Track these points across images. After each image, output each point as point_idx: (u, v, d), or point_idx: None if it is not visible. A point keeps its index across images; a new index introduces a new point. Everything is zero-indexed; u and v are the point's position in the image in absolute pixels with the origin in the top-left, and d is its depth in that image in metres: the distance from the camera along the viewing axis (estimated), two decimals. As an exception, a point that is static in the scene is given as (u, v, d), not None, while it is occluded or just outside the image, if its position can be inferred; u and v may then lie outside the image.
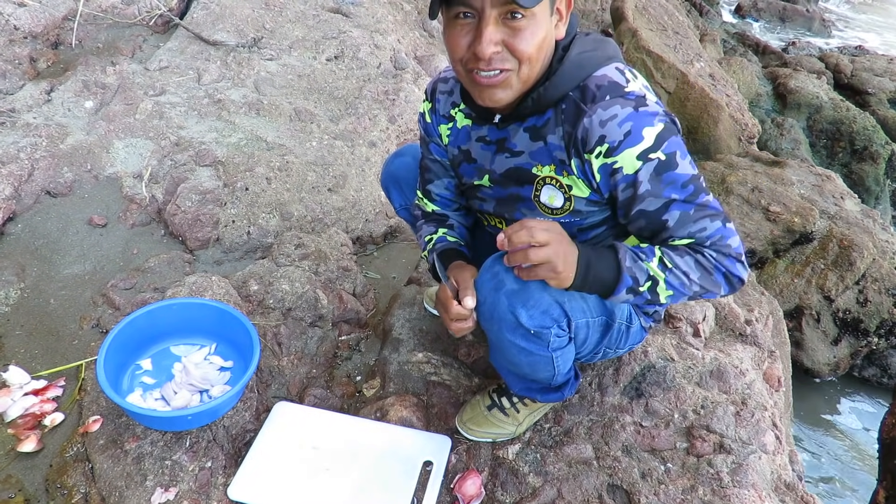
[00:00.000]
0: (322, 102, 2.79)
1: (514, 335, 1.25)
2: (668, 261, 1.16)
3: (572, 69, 1.14)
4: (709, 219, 1.15)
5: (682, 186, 1.12)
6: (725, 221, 1.17)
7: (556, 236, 1.10)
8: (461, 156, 1.37)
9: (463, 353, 1.80)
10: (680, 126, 1.21)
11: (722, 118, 4.75)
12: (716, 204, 1.17)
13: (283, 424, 1.54)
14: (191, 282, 1.82)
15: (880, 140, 5.49)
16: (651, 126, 1.10)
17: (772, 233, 3.90)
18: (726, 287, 1.22)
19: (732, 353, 1.85)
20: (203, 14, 3.06)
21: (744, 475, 1.49)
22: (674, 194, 1.13)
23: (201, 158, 2.32)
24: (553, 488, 1.47)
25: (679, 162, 1.12)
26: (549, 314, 1.22)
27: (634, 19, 5.19)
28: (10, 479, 1.42)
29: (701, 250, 1.17)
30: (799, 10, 8.62)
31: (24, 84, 2.58)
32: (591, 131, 1.11)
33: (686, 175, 1.13)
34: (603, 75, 1.14)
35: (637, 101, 1.11)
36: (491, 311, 1.26)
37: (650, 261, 1.15)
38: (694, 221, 1.14)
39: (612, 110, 1.10)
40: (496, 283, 1.24)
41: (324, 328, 1.84)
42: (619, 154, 1.10)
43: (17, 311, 1.82)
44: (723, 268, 1.18)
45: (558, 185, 1.23)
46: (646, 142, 1.09)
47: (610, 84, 1.13)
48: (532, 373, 1.36)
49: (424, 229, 1.53)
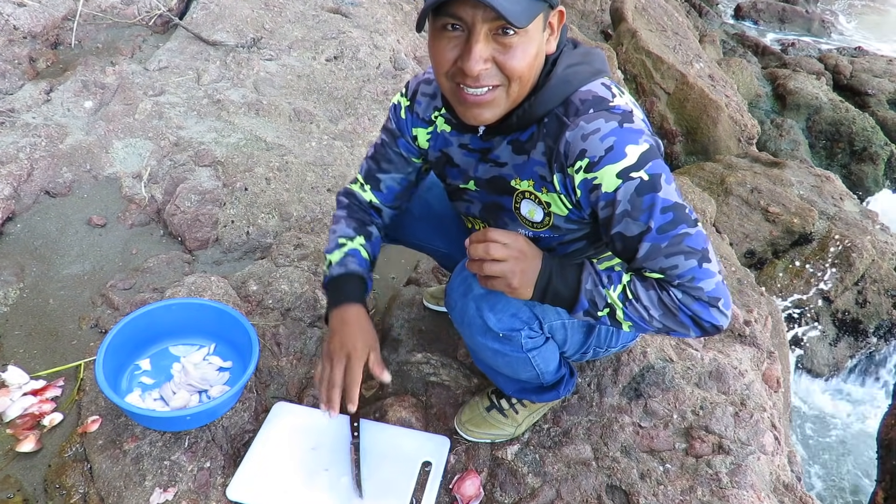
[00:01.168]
0: (321, 103, 2.79)
1: (485, 338, 1.26)
2: (632, 291, 1.11)
3: (559, 85, 1.10)
4: (683, 256, 1.06)
5: (662, 212, 1.05)
6: (703, 261, 1.07)
7: (515, 252, 1.08)
8: (444, 159, 1.32)
9: (462, 354, 1.80)
10: (663, 150, 1.17)
11: (721, 119, 4.76)
12: (697, 239, 1.08)
13: (282, 425, 1.54)
14: (190, 282, 1.82)
15: (879, 141, 5.49)
16: (635, 144, 1.04)
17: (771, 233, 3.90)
18: (696, 330, 1.13)
19: (731, 353, 1.86)
20: (202, 14, 3.06)
21: (742, 476, 1.49)
22: (651, 221, 1.05)
23: (200, 159, 2.32)
24: (552, 489, 1.47)
25: (663, 185, 1.05)
26: (517, 317, 1.22)
27: (634, 20, 5.19)
28: (9, 480, 1.42)
29: (668, 288, 1.09)
30: (798, 10, 8.62)
31: (24, 84, 2.58)
32: (573, 145, 1.06)
33: (668, 201, 1.05)
34: (588, 90, 1.10)
35: (623, 117, 1.06)
36: (461, 316, 1.27)
37: (612, 288, 1.11)
38: (666, 256, 1.07)
39: (596, 124, 1.05)
40: (465, 289, 1.24)
41: (323, 329, 1.84)
42: (599, 170, 1.05)
43: (16, 310, 1.82)
44: (689, 311, 1.10)
45: (536, 200, 1.19)
46: (628, 159, 1.03)
47: (595, 98, 1.09)
48: (514, 373, 1.36)
49: (342, 226, 1.42)
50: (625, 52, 5.11)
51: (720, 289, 1.10)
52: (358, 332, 1.30)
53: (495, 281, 1.10)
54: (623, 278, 1.12)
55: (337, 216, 1.45)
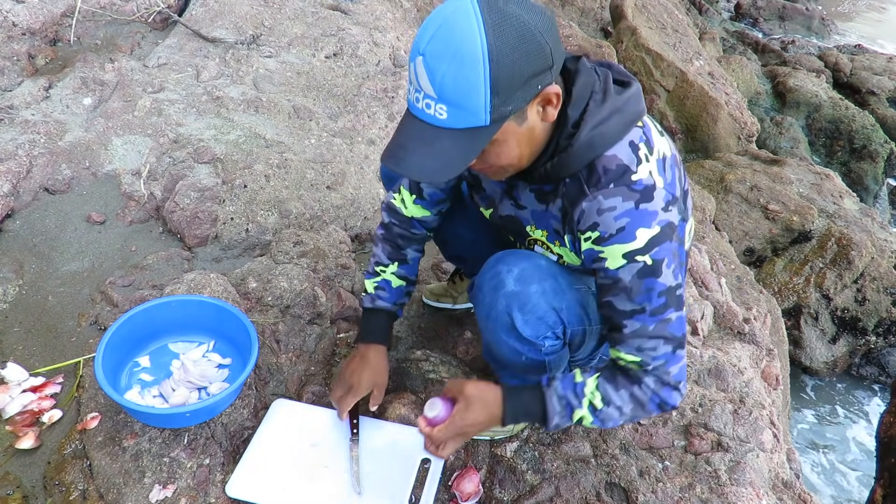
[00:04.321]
0: (321, 100, 2.78)
1: (509, 336, 1.26)
2: (602, 399, 1.17)
3: (582, 151, 1.06)
4: (663, 341, 1.13)
5: (658, 295, 1.09)
6: (678, 348, 1.15)
7: (462, 429, 1.22)
8: (473, 181, 1.36)
9: (461, 351, 1.80)
10: (687, 213, 1.18)
11: (721, 116, 4.75)
12: (679, 325, 1.14)
13: (282, 422, 1.54)
14: (189, 279, 1.81)
15: (879, 139, 5.49)
16: (647, 228, 1.05)
17: (770, 231, 3.90)
18: (657, 413, 1.22)
19: (731, 351, 1.86)
20: (202, 11, 3.05)
21: (741, 473, 1.50)
22: (645, 303, 1.10)
23: (200, 156, 2.31)
24: (551, 486, 1.48)
25: (664, 270, 1.08)
26: (544, 321, 1.23)
27: (634, 17, 5.19)
28: (9, 476, 1.42)
29: (641, 379, 1.16)
30: (798, 8, 8.61)
31: (23, 81, 2.57)
32: (587, 215, 1.08)
33: (664, 285, 1.09)
34: (613, 156, 1.07)
35: (642, 195, 1.05)
36: (488, 311, 1.27)
37: (579, 408, 1.19)
38: (648, 338, 1.12)
39: (613, 201, 1.05)
40: (496, 283, 1.25)
41: (322, 326, 1.84)
42: (607, 246, 1.07)
43: (15, 307, 1.82)
44: (658, 398, 1.17)
45: (547, 249, 1.25)
46: (637, 242, 1.05)
47: (618, 168, 1.06)
48: (524, 372, 1.36)
49: (379, 251, 1.51)
50: (625, 50, 5.10)
51: (683, 372, 1.18)
52: (367, 370, 1.45)
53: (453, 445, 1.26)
54: (586, 391, 1.18)
55: (376, 237, 1.53)
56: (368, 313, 1.52)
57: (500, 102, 0.93)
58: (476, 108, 0.92)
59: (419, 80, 0.93)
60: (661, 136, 1.14)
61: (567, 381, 1.21)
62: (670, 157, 1.13)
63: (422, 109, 0.95)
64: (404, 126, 1.00)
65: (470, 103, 0.92)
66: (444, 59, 0.90)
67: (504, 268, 1.24)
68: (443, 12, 0.92)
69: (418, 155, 0.98)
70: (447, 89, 0.91)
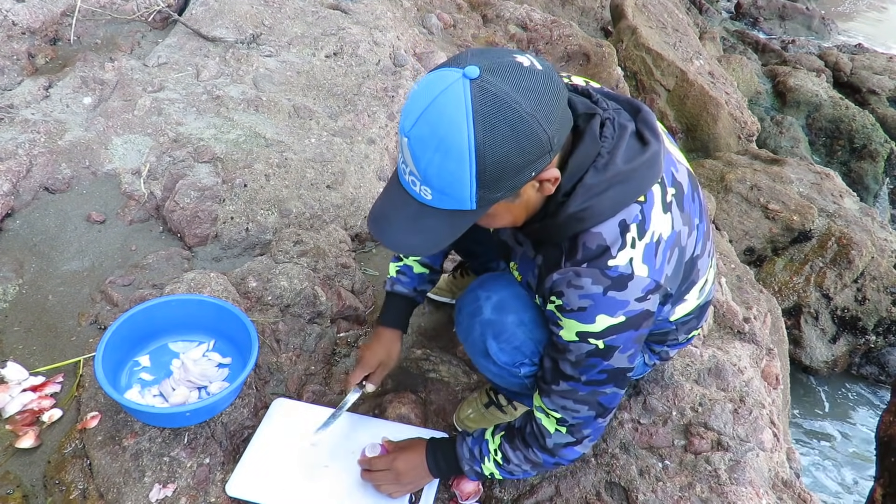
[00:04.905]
0: (321, 99, 2.78)
1: (486, 361, 1.28)
2: (503, 457, 1.25)
3: (567, 223, 1.00)
4: (588, 407, 1.12)
5: (599, 373, 1.08)
6: (601, 416, 1.15)
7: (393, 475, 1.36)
8: None
9: (461, 351, 1.80)
10: (697, 276, 1.18)
11: (721, 116, 4.75)
12: (612, 399, 1.13)
13: (282, 421, 1.54)
14: (189, 278, 1.81)
15: (879, 138, 5.49)
16: (609, 316, 1.01)
17: (770, 231, 3.90)
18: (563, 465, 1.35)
19: (731, 350, 1.86)
20: (202, 10, 3.05)
21: (741, 472, 1.50)
22: (584, 376, 1.08)
23: (200, 155, 2.31)
24: (551, 485, 1.48)
25: (616, 356, 1.06)
26: (520, 350, 1.23)
27: (634, 17, 5.18)
28: (9, 476, 1.42)
29: (531, 446, 1.21)
30: (799, 7, 8.61)
31: (23, 80, 2.57)
32: (557, 284, 1.04)
33: (611, 366, 1.07)
34: (598, 234, 1.00)
35: (614, 283, 0.99)
36: (465, 335, 1.29)
37: (486, 462, 1.27)
38: (575, 401, 1.12)
39: (582, 281, 1.00)
40: (474, 309, 1.25)
41: (322, 325, 1.84)
42: (565, 317, 1.04)
43: (15, 307, 1.82)
44: (553, 461, 1.22)
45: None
46: (594, 326, 1.02)
47: (597, 248, 1.00)
48: (510, 389, 1.37)
49: None
50: (625, 49, 5.10)
51: (598, 433, 1.20)
52: (378, 349, 1.49)
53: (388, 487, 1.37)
54: (491, 447, 1.26)
55: None
56: (389, 296, 1.54)
57: (488, 192, 0.89)
58: (461, 197, 0.89)
59: (405, 157, 0.90)
60: (665, 213, 1.04)
61: (479, 435, 1.30)
62: (669, 237, 1.05)
63: (408, 183, 0.92)
64: (391, 192, 0.98)
65: (455, 193, 0.88)
66: (428, 148, 0.85)
67: (483, 294, 1.24)
68: (431, 91, 0.85)
69: (402, 231, 0.96)
70: (432, 177, 0.88)
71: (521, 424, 1.25)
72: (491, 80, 0.83)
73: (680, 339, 1.38)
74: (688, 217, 1.10)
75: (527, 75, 0.85)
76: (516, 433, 1.24)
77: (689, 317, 1.29)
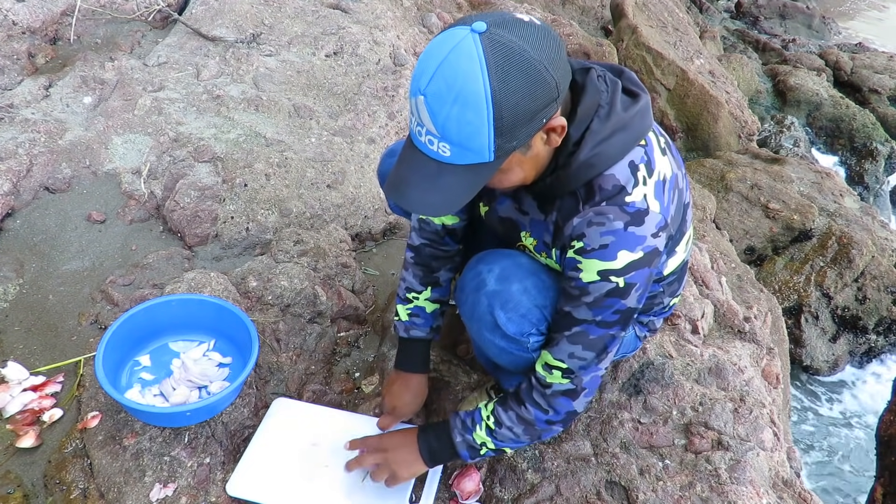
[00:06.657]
0: (321, 99, 2.78)
1: (493, 335, 1.27)
2: (495, 421, 1.24)
3: (580, 170, 1.05)
4: (595, 353, 1.15)
5: (613, 312, 1.10)
6: (602, 359, 1.17)
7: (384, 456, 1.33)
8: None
9: (462, 350, 1.80)
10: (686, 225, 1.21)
11: (721, 115, 4.75)
12: (615, 343, 1.16)
13: (282, 420, 1.54)
14: (189, 278, 1.81)
15: (880, 137, 5.49)
16: (630, 251, 1.05)
17: (771, 230, 3.90)
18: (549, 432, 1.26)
19: (731, 350, 1.86)
20: (202, 9, 3.05)
21: (742, 472, 1.50)
22: (599, 317, 1.11)
23: (200, 154, 2.31)
24: (551, 485, 1.48)
25: (631, 294, 1.09)
26: (527, 318, 1.23)
27: (634, 16, 5.18)
28: (9, 475, 1.42)
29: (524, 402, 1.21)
30: (799, 7, 8.60)
31: (23, 80, 2.57)
32: (577, 228, 1.08)
33: (625, 306, 1.10)
34: (611, 175, 1.06)
35: (633, 218, 1.05)
36: (471, 311, 1.28)
37: (478, 427, 1.26)
38: (584, 347, 1.14)
39: (604, 218, 1.05)
40: (478, 283, 1.25)
41: (323, 324, 1.84)
42: (587, 258, 1.07)
43: (15, 307, 1.82)
44: (545, 417, 1.21)
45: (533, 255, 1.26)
46: (615, 263, 1.05)
47: (614, 188, 1.06)
48: (516, 370, 1.37)
49: (410, 276, 1.47)
50: (625, 48, 5.09)
51: (595, 382, 1.21)
52: (412, 401, 1.49)
53: (381, 473, 1.33)
54: (484, 414, 1.26)
55: (405, 262, 1.49)
56: (403, 344, 1.51)
57: (505, 141, 0.93)
58: (480, 148, 0.93)
59: (421, 117, 0.93)
60: (664, 156, 1.12)
61: (472, 409, 1.30)
62: (671, 177, 1.12)
63: (425, 144, 0.96)
64: (406, 157, 1.01)
65: (474, 144, 0.92)
66: (446, 102, 0.89)
67: (485, 267, 1.24)
68: (442, 48, 0.90)
69: (421, 190, 0.99)
70: (451, 131, 0.91)
71: (515, 387, 1.26)
72: (499, 33, 0.88)
73: (665, 302, 1.41)
74: (678, 163, 1.18)
75: (529, 28, 0.91)
76: (510, 395, 1.26)
77: (673, 276, 1.33)
